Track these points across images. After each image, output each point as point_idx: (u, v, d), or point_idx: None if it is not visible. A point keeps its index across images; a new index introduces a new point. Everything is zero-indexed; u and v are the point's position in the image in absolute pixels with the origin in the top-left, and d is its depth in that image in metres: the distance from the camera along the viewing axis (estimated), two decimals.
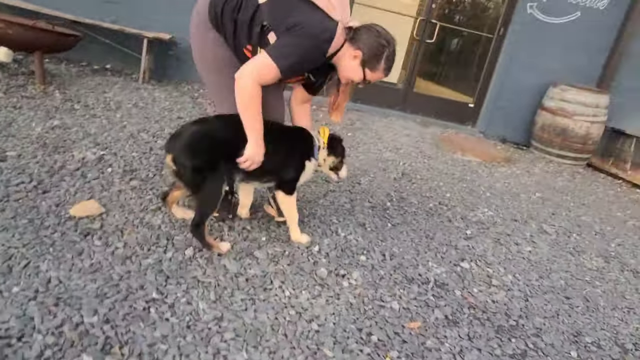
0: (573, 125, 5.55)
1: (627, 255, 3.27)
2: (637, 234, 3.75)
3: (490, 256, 2.78)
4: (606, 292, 2.67)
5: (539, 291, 2.51)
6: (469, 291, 2.34)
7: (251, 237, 2.37)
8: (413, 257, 2.54)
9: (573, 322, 2.29)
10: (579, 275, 2.81)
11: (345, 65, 2.15)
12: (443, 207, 3.40)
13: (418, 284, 2.30)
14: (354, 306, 2.01)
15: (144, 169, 2.89)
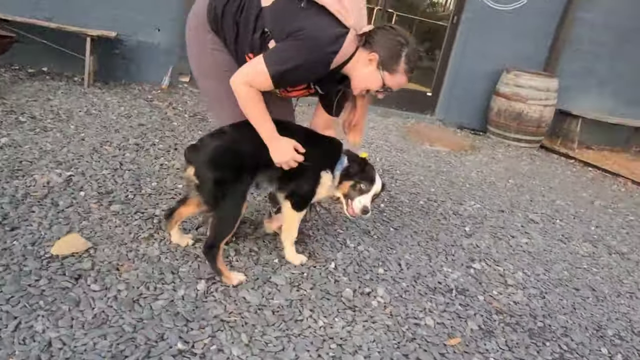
0: (527, 109, 5.73)
1: (607, 237, 3.39)
2: (607, 213, 3.92)
3: (495, 253, 2.75)
4: (605, 279, 2.73)
5: (550, 286, 2.51)
6: (490, 295, 2.29)
7: (262, 260, 2.16)
8: (427, 264, 2.45)
9: (590, 316, 2.30)
10: (577, 263, 2.86)
11: (360, 74, 1.92)
12: (433, 204, 3.34)
13: (442, 293, 2.21)
14: (391, 328, 1.87)
15: (120, 189, 2.56)
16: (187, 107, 4.47)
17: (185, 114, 4.25)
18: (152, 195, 2.57)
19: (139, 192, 2.57)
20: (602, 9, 6.19)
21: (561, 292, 2.47)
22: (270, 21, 1.84)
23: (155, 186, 2.69)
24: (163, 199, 2.56)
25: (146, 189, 2.63)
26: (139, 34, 4.85)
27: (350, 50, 1.86)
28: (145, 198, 2.52)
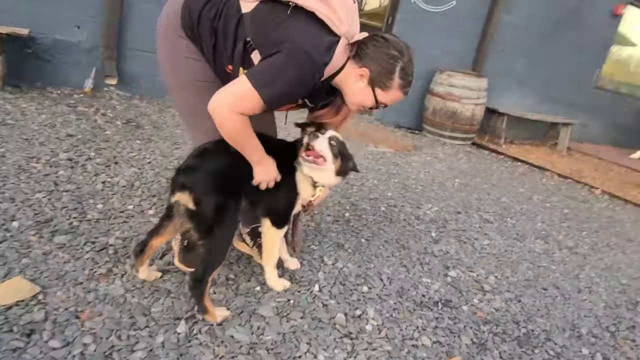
0: (461, 108, 5.94)
1: (553, 232, 3.57)
2: (545, 208, 4.15)
3: (465, 258, 2.76)
4: (564, 275, 2.85)
5: (521, 288, 2.56)
6: (472, 304, 2.27)
7: (242, 288, 1.96)
8: (406, 276, 2.39)
9: (563, 316, 2.37)
10: (537, 262, 2.96)
11: (352, 90, 1.75)
12: (394, 209, 3.30)
13: (429, 307, 2.15)
14: (392, 354, 1.77)
15: (61, 215, 2.21)
16: (117, 113, 4.05)
17: (117, 121, 3.84)
18: (100, 221, 2.25)
19: (84, 218, 2.24)
20: (522, 12, 6.58)
21: (532, 293, 2.52)
22: (252, 29, 1.63)
23: (102, 209, 2.37)
24: (114, 223, 2.25)
25: (92, 213, 2.29)
26: (56, 31, 4.31)
27: (341, 61, 1.69)
28: (93, 224, 2.20)
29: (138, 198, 2.58)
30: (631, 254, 3.46)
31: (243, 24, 1.64)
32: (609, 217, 4.29)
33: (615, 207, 4.68)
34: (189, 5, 1.67)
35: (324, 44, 1.62)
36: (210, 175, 1.65)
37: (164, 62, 1.83)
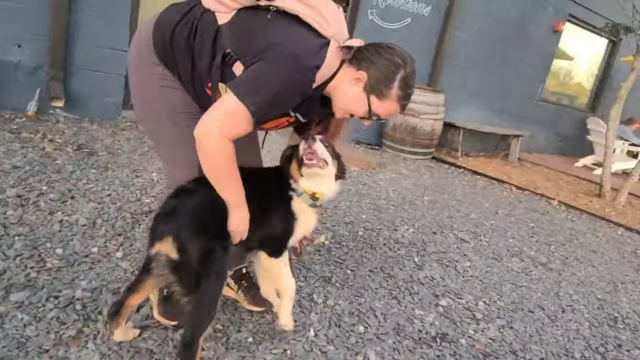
0: (421, 123, 5.99)
1: (525, 248, 3.61)
2: (512, 222, 4.21)
3: (451, 283, 2.70)
4: (545, 295, 2.86)
5: (510, 312, 2.53)
6: (469, 336, 2.21)
7: (233, 340, 1.78)
8: (399, 310, 2.29)
9: (555, 340, 2.35)
10: (517, 281, 2.95)
11: (344, 94, 1.58)
12: (372, 233, 3.21)
13: (428, 344, 2.05)
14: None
15: (15, 266, 1.94)
16: (67, 139, 3.72)
17: (67, 148, 3.52)
18: (61, 270, 1.99)
19: (43, 267, 1.97)
20: (473, 28, 6.77)
21: (521, 317, 2.50)
22: (232, 40, 1.47)
23: (62, 254, 2.10)
24: (78, 271, 2.00)
25: (51, 261, 2.03)
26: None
27: (335, 64, 1.53)
28: (54, 274, 1.94)
29: (102, 238, 2.33)
30: (598, 265, 3.56)
31: (221, 36, 1.48)
32: (570, 228, 4.42)
33: (573, 218, 4.84)
34: (160, 26, 1.50)
35: (312, 46, 1.46)
36: (194, 218, 1.47)
37: (137, 92, 1.63)
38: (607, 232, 4.52)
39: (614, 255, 3.87)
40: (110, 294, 1.88)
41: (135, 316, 1.79)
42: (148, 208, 2.80)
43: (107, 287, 1.92)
